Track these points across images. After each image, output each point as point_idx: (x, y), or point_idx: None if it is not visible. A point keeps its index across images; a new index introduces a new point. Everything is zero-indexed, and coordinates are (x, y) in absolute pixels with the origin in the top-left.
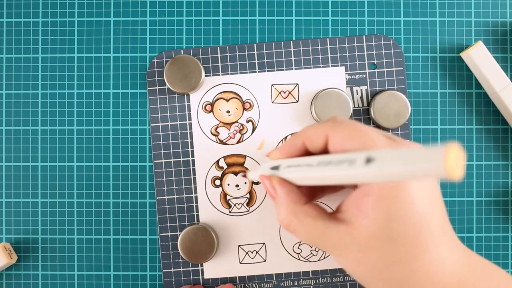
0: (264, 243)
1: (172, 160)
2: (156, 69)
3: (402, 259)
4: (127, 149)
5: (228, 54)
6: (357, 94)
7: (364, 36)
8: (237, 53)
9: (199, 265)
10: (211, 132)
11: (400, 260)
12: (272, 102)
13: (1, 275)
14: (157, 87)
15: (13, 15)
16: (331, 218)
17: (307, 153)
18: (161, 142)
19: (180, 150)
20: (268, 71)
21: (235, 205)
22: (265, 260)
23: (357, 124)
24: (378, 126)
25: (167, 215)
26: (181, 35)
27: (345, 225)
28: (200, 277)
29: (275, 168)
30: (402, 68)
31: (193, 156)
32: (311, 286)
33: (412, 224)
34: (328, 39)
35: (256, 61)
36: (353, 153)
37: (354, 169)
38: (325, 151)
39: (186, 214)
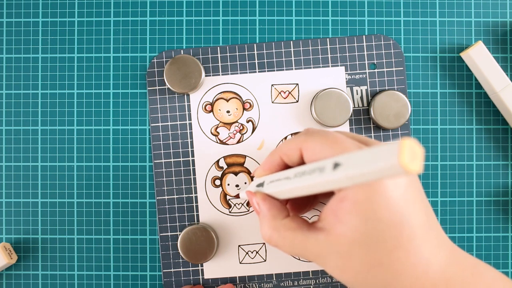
0: (264, 243)
1: (172, 160)
2: (156, 69)
3: (385, 262)
4: (127, 149)
5: (228, 54)
6: (357, 94)
7: (364, 36)
8: (237, 53)
9: (199, 265)
10: (211, 132)
11: (382, 264)
12: (272, 102)
13: (1, 275)
14: (157, 87)
15: (13, 15)
16: (310, 228)
17: (288, 166)
18: (161, 142)
19: (180, 150)
20: (268, 71)
21: (235, 205)
22: (265, 260)
23: (328, 133)
24: (378, 126)
25: (167, 215)
26: (181, 35)
27: (324, 233)
28: (200, 277)
29: (260, 185)
30: (402, 68)
31: (193, 156)
32: (311, 286)
33: (390, 225)
34: (328, 39)
35: (256, 61)
36: (323, 160)
37: (325, 176)
38: (302, 163)
39: (186, 214)
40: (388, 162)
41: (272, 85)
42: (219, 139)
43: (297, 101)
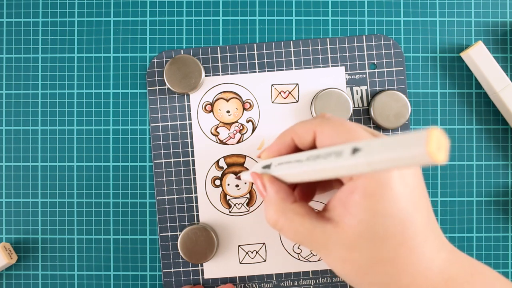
0: (264, 243)
1: (172, 160)
2: (156, 69)
3: (387, 258)
4: (127, 149)
5: (228, 54)
6: (357, 94)
7: (364, 36)
8: (237, 53)
9: (199, 265)
10: (211, 132)
11: (385, 260)
12: (272, 102)
13: (1, 275)
14: (157, 87)
15: (13, 15)
16: (318, 217)
17: (297, 150)
18: (161, 142)
19: (180, 150)
20: (268, 71)
21: (235, 205)
22: (265, 260)
23: (344, 121)
24: (378, 126)
25: (167, 215)
26: (181, 35)
27: (332, 224)
28: (200, 277)
29: (267, 167)
30: (402, 68)
31: (193, 156)
32: (311, 286)
33: (396, 222)
34: (328, 39)
35: (256, 61)
36: (340, 145)
37: (342, 160)
38: (313, 147)
39: (186, 214)
40: (415, 150)
41: (272, 85)
42: (219, 139)
43: (297, 101)
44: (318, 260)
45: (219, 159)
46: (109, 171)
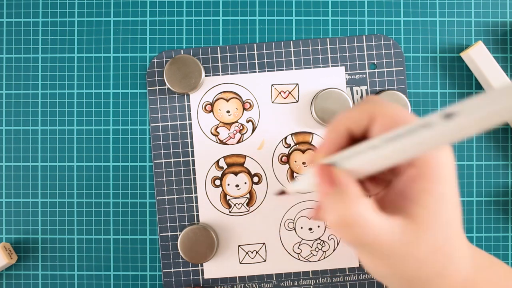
0: (264, 243)
1: (172, 160)
2: (156, 69)
3: (441, 246)
4: (127, 149)
5: (228, 54)
6: (357, 94)
7: (364, 36)
8: (237, 53)
9: (199, 265)
10: (211, 132)
11: (440, 248)
12: (272, 102)
13: (1, 275)
14: (157, 87)
15: (13, 15)
16: (384, 213)
17: (349, 143)
18: (161, 142)
19: (180, 150)
20: (268, 71)
21: (235, 205)
22: (265, 260)
23: (398, 106)
24: None
25: (167, 215)
26: (181, 35)
27: (401, 217)
28: (200, 277)
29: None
30: (402, 68)
31: (193, 156)
32: (311, 286)
33: (454, 205)
34: (328, 39)
35: (256, 61)
36: (423, 118)
37: (433, 129)
38: (363, 137)
39: (186, 214)
40: None
41: (272, 85)
42: (219, 139)
43: (297, 101)
44: (318, 260)
45: (219, 159)
46: (109, 171)
